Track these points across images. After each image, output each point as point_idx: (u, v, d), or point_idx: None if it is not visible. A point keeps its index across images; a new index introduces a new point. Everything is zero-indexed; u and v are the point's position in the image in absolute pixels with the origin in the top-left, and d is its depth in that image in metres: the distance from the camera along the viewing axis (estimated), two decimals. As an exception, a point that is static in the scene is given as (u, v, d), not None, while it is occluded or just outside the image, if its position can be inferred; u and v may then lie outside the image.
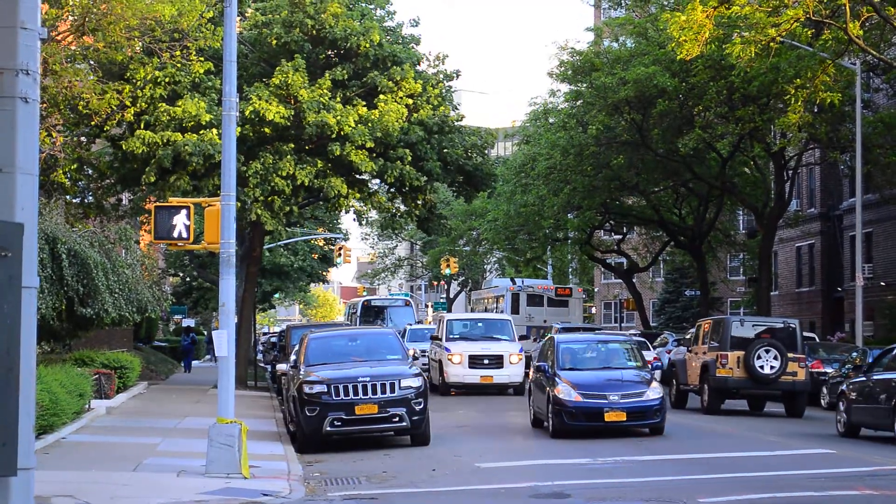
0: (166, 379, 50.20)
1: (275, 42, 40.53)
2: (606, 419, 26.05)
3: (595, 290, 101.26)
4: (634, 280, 71.96)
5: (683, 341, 40.49)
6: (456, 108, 45.14)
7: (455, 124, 43.32)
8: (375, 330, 35.27)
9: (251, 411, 32.29)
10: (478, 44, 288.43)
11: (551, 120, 59.96)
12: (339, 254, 79.96)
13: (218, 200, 21.41)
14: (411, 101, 41.02)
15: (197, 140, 37.50)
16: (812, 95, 37.27)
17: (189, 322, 75.31)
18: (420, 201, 44.03)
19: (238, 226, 28.67)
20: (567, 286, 68.73)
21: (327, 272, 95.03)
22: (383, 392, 25.22)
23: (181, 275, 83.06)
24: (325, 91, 39.45)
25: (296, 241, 76.42)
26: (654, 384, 26.76)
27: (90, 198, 43.24)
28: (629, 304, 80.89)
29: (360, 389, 25.17)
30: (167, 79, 37.80)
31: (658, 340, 55.33)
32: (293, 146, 40.01)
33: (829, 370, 38.39)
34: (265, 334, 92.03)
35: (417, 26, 45.40)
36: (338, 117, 38.69)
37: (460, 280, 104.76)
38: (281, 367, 36.10)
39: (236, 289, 21.85)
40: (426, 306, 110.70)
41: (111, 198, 44.02)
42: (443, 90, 43.58)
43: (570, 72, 54.76)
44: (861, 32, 35.75)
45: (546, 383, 27.34)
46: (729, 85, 46.64)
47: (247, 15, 42.26)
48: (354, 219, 48.53)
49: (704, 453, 23.44)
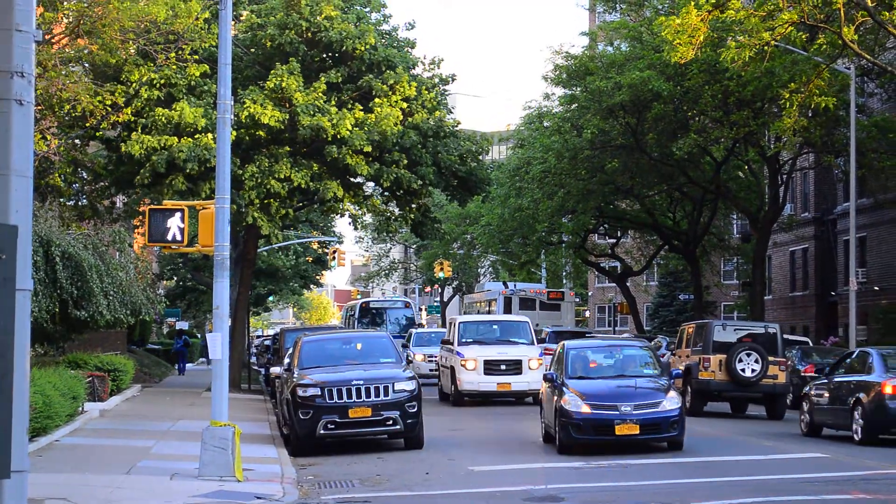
0: (160, 382, 50.18)
1: (269, 44, 40.51)
2: (617, 432, 23.66)
3: (589, 294, 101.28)
4: (628, 284, 71.91)
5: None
6: (451, 113, 45.14)
7: (450, 129, 43.31)
8: (369, 333, 35.20)
9: (245, 414, 32.28)
10: (473, 47, 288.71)
11: (546, 123, 59.98)
12: (334, 257, 79.99)
13: (212, 203, 21.40)
14: (406, 105, 41.01)
15: (192, 144, 37.48)
16: (806, 100, 37.30)
17: (183, 325, 75.24)
18: (414, 205, 44.01)
19: (232, 229, 28.71)
20: (559, 290, 68.82)
21: (321, 275, 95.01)
22: (377, 395, 25.22)
23: (175, 278, 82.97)
24: (320, 94, 39.44)
25: (290, 245, 76.37)
26: (672, 393, 24.31)
27: (84, 200, 43.21)
28: (623, 308, 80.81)
29: (354, 392, 25.18)
30: (163, 80, 37.79)
31: (652, 344, 55.30)
32: (288, 149, 40.02)
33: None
34: (259, 337, 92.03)
35: (413, 29, 45.45)
36: (333, 120, 38.69)
37: (454, 284, 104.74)
38: (275, 370, 36.02)
39: (230, 292, 21.81)
40: (420, 310, 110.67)
41: (105, 200, 43.99)
42: (438, 94, 43.56)
43: (565, 75, 54.78)
44: (856, 37, 35.78)
45: (554, 393, 25.11)
46: (724, 89, 46.66)
47: (241, 17, 42.26)
48: (350, 222, 48.50)
49: (698, 457, 23.45)
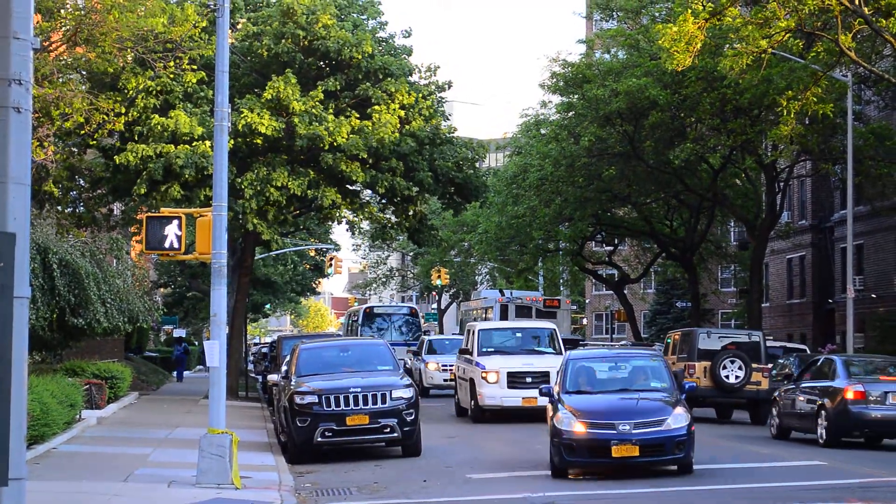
0: (157, 389, 50.15)
1: (266, 54, 40.55)
2: (614, 454, 20.95)
3: (586, 302, 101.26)
4: (626, 291, 71.93)
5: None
6: (448, 120, 45.19)
7: (446, 136, 43.34)
8: (366, 341, 35.17)
9: (242, 422, 32.26)
10: (470, 55, 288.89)
11: (543, 131, 59.98)
12: (331, 264, 79.96)
13: (210, 211, 21.40)
14: (403, 113, 41.04)
15: (189, 152, 37.49)
16: (804, 107, 37.32)
17: (180, 332, 75.22)
18: (411, 212, 44.03)
19: (230, 236, 28.70)
20: (555, 297, 68.64)
21: (318, 283, 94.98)
22: (374, 403, 25.22)
23: (172, 286, 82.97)
24: (317, 103, 39.47)
25: (287, 253, 76.38)
26: (680, 409, 21.46)
27: (82, 208, 43.22)
28: (620, 316, 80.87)
29: (352, 400, 25.17)
30: (159, 87, 37.81)
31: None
32: (286, 157, 40.04)
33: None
34: (256, 345, 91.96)
35: (410, 37, 45.53)
36: (330, 128, 38.72)
37: (451, 291, 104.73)
38: (272, 378, 36.05)
39: (227, 299, 21.82)
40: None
41: (103, 208, 44.00)
42: (434, 101, 43.61)
43: (562, 83, 54.77)
44: (853, 44, 35.80)
45: (551, 410, 22.58)
46: (721, 97, 46.66)
47: (238, 26, 42.28)
48: (347, 229, 48.54)
49: (697, 465, 23.41)
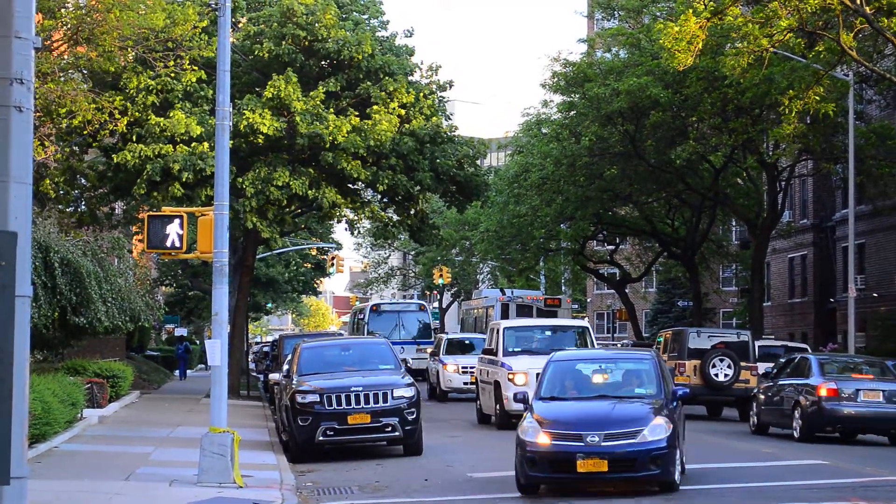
0: (159, 388, 50.16)
1: (266, 55, 40.54)
2: (579, 469, 18.31)
3: (588, 301, 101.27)
4: (627, 290, 71.89)
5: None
6: (449, 119, 45.18)
7: (447, 135, 43.34)
8: (368, 340, 35.15)
9: (244, 421, 32.27)
10: (471, 54, 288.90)
11: (544, 130, 59.99)
12: (332, 263, 79.92)
13: (211, 210, 21.40)
14: (404, 112, 41.04)
15: (188, 153, 37.47)
16: (805, 106, 37.34)
17: (182, 331, 75.24)
18: (412, 211, 44.02)
19: (231, 235, 28.71)
20: (556, 297, 68.57)
21: (320, 282, 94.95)
22: (376, 402, 25.23)
23: (174, 285, 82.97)
24: (318, 102, 39.47)
25: (288, 252, 76.35)
26: (660, 420, 18.79)
27: (83, 207, 43.23)
28: (622, 315, 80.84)
29: (353, 399, 25.18)
30: (160, 86, 37.80)
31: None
32: (286, 157, 40.05)
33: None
34: (258, 344, 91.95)
35: (411, 37, 45.55)
36: (330, 127, 38.72)
37: (453, 290, 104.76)
38: (273, 377, 36.06)
39: (229, 298, 21.82)
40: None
41: (104, 207, 44.01)
42: (435, 101, 43.61)
43: (563, 82, 54.78)
44: (854, 44, 35.84)
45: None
46: (722, 96, 46.68)
47: (239, 25, 42.28)
48: (346, 228, 48.50)
49: (695, 464, 23.40)
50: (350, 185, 42.66)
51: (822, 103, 37.11)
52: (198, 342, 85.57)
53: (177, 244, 21.22)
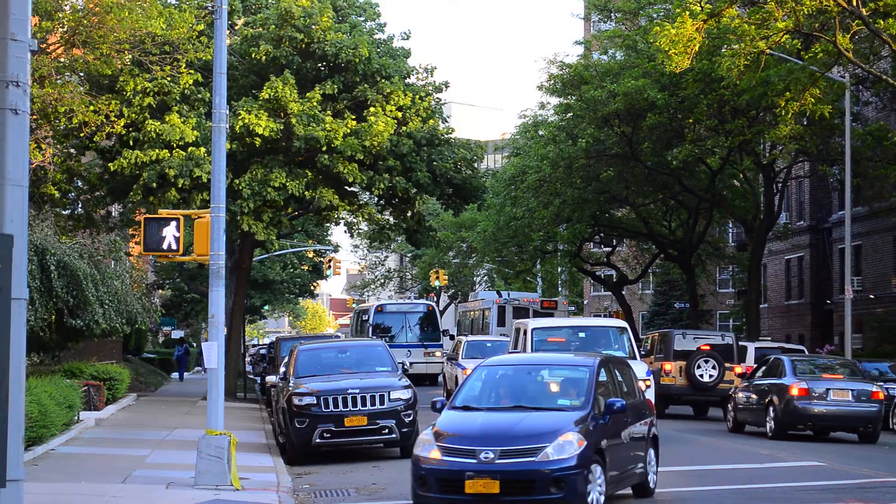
0: (155, 390, 50.13)
1: (264, 58, 40.51)
2: (468, 489, 16.11)
3: (585, 303, 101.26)
4: (624, 292, 71.92)
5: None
6: (445, 121, 45.13)
7: (444, 137, 43.31)
8: (365, 342, 35.12)
9: (241, 423, 32.25)
10: (468, 56, 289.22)
11: (541, 132, 60.00)
12: (329, 266, 79.87)
13: (208, 212, 21.40)
14: (400, 114, 41.02)
15: (183, 158, 37.43)
16: (802, 108, 37.38)
17: (178, 333, 75.23)
18: (409, 213, 44.00)
19: (228, 237, 28.67)
20: (552, 299, 68.59)
21: (316, 285, 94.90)
22: (373, 404, 25.25)
23: (171, 288, 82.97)
24: (315, 104, 39.45)
25: (285, 254, 76.32)
26: (570, 435, 16.27)
27: (80, 209, 43.20)
28: (619, 317, 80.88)
29: (350, 401, 25.20)
30: (156, 89, 37.77)
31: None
32: (282, 158, 40.03)
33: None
34: (254, 346, 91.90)
35: (408, 39, 45.49)
36: (327, 129, 38.70)
37: (450, 292, 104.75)
38: (270, 379, 36.03)
39: (225, 300, 21.81)
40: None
41: (101, 209, 43.98)
42: (432, 102, 43.58)
43: (560, 85, 54.80)
44: (851, 45, 35.86)
45: None
46: (719, 98, 46.72)
47: (236, 28, 42.26)
48: (345, 230, 48.44)
49: (694, 465, 23.43)
50: (347, 188, 42.62)
51: (819, 105, 37.16)
52: (195, 344, 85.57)
53: (173, 246, 21.21)
